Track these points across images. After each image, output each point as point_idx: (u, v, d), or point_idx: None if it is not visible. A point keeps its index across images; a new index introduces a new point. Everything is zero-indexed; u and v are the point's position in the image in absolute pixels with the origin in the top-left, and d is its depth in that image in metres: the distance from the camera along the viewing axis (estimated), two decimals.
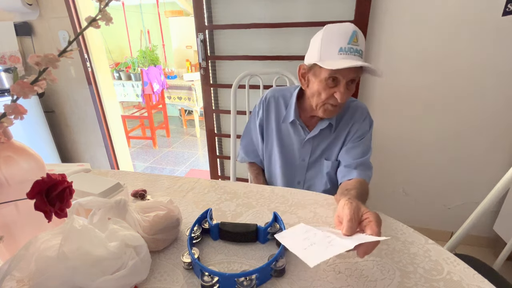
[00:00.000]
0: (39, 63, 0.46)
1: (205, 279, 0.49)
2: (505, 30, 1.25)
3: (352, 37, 0.73)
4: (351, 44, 0.73)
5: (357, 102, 0.93)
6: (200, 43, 1.64)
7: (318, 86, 0.80)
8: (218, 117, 1.89)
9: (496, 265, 0.80)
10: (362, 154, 0.86)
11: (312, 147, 0.93)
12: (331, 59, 0.75)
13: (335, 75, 0.76)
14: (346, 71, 0.75)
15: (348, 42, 0.73)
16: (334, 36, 0.76)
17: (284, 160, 0.97)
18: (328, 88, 0.79)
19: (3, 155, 0.50)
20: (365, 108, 0.92)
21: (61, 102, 2.16)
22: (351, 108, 0.91)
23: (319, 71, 0.79)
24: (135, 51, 4.36)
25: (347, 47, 0.73)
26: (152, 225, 0.57)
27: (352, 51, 0.74)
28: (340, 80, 0.77)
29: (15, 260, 0.44)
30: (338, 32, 0.75)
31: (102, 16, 0.49)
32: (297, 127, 0.93)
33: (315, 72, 0.81)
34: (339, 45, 0.74)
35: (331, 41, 0.75)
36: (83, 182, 0.68)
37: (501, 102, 1.37)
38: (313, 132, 0.91)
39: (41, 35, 1.96)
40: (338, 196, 0.73)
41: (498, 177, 0.75)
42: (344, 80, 0.76)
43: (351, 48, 0.73)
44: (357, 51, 0.74)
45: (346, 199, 0.56)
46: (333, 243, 0.48)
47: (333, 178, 0.95)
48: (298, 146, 0.95)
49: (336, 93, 0.78)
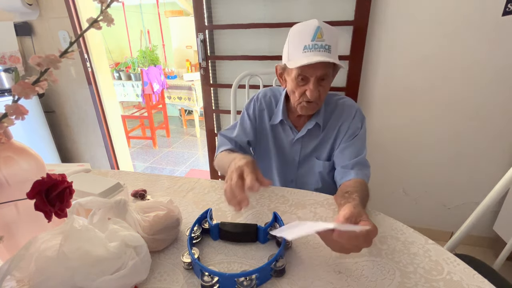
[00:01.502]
0: (41, 63, 0.46)
1: (205, 279, 0.49)
2: (505, 30, 1.25)
3: (316, 33, 0.74)
4: (316, 40, 0.74)
5: (346, 100, 0.92)
6: (200, 43, 1.64)
7: (291, 85, 0.83)
8: (218, 117, 1.89)
9: (496, 265, 0.80)
10: (357, 153, 0.85)
11: (301, 146, 0.94)
12: (297, 58, 0.76)
13: (303, 73, 0.78)
14: (313, 69, 0.76)
15: (311, 39, 0.74)
16: (298, 35, 0.77)
17: (278, 159, 0.98)
18: (300, 86, 0.81)
19: (3, 155, 0.50)
20: (353, 106, 0.91)
21: (61, 102, 2.16)
22: (339, 107, 0.91)
23: (290, 70, 0.81)
24: (135, 51, 4.36)
25: (310, 44, 0.74)
26: (152, 225, 0.57)
27: (316, 47, 0.74)
28: (309, 78, 0.78)
29: (15, 260, 0.44)
30: (302, 30, 0.77)
31: (103, 18, 0.49)
32: (285, 128, 0.94)
33: (288, 72, 0.83)
34: (303, 43, 0.75)
35: (296, 40, 0.77)
36: (83, 182, 0.68)
37: (501, 102, 1.37)
38: (301, 133, 0.91)
39: (41, 35, 1.96)
40: (339, 198, 0.72)
41: (498, 177, 0.75)
42: (312, 77, 0.77)
43: (315, 44, 0.74)
44: (323, 47, 0.74)
45: (350, 206, 0.56)
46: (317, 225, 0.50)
47: (325, 177, 0.95)
48: (288, 145, 0.95)
49: (306, 90, 0.80)
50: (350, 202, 0.62)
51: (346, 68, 1.48)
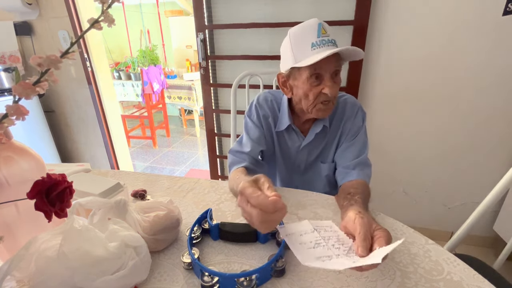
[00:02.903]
0: (41, 64, 0.46)
1: (205, 279, 0.49)
2: (505, 30, 1.25)
3: (320, 29, 0.72)
4: (321, 36, 0.72)
5: (347, 97, 0.89)
6: (200, 42, 1.64)
7: (303, 89, 0.77)
8: (218, 117, 1.89)
9: (496, 265, 0.80)
10: (358, 153, 0.83)
11: (308, 152, 0.90)
12: (307, 57, 0.72)
13: (317, 71, 0.73)
14: (327, 64, 0.72)
15: (317, 35, 0.72)
16: (301, 35, 0.74)
17: (282, 167, 0.95)
18: (314, 87, 0.75)
19: (3, 155, 0.50)
20: (355, 104, 0.88)
21: (61, 102, 2.16)
22: (341, 105, 0.87)
23: (299, 73, 0.76)
24: (135, 51, 4.35)
25: (318, 41, 0.71)
26: (152, 225, 0.57)
27: (324, 43, 0.72)
28: (323, 75, 0.74)
29: (15, 260, 0.44)
30: (304, 30, 0.74)
31: (104, 18, 0.49)
32: (291, 133, 0.89)
33: (295, 76, 0.78)
34: (310, 41, 0.72)
35: (301, 41, 0.74)
36: (83, 182, 0.68)
37: (501, 102, 1.37)
38: (308, 138, 0.87)
39: (41, 35, 1.96)
40: (341, 200, 0.70)
41: (498, 177, 0.75)
42: (328, 73, 0.74)
43: (322, 40, 0.72)
44: (330, 41, 0.72)
45: (356, 212, 0.55)
46: (338, 259, 0.48)
47: (331, 180, 0.92)
48: (294, 152, 0.91)
49: (324, 88, 0.74)
50: (352, 204, 0.62)
51: (346, 68, 1.48)
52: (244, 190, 0.48)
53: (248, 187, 0.49)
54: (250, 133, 0.88)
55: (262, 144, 0.87)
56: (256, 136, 0.87)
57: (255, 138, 0.87)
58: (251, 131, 0.88)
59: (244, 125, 0.91)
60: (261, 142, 0.87)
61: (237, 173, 0.78)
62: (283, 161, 0.94)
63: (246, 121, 0.91)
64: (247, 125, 0.90)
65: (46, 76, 0.47)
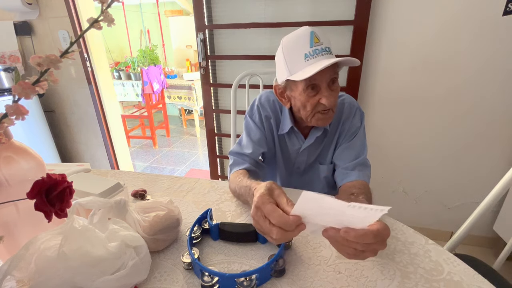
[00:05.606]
0: (41, 64, 0.46)
1: (205, 279, 0.49)
2: (505, 30, 1.25)
3: (312, 38, 0.70)
4: (314, 46, 0.70)
5: (345, 98, 0.88)
6: (200, 42, 1.64)
7: (300, 100, 0.76)
8: (218, 116, 1.89)
9: (496, 265, 0.80)
10: (358, 153, 0.83)
11: (307, 154, 0.90)
12: (300, 69, 0.71)
13: (313, 82, 0.72)
14: (322, 74, 0.70)
15: (310, 45, 0.70)
16: (294, 45, 0.72)
17: (282, 169, 0.95)
18: (311, 97, 0.74)
19: (3, 155, 0.50)
20: (352, 103, 0.87)
21: (61, 102, 2.16)
22: (339, 106, 0.86)
23: (295, 85, 0.75)
24: (135, 51, 4.35)
25: (311, 51, 0.70)
26: (152, 225, 0.57)
27: (318, 52, 0.70)
28: (320, 85, 0.72)
29: (15, 260, 0.44)
30: (296, 40, 0.72)
31: (104, 18, 0.49)
32: (292, 136, 0.88)
33: (291, 88, 0.77)
34: (302, 52, 0.70)
35: (293, 52, 0.72)
36: (83, 182, 0.68)
37: (501, 102, 1.37)
38: (308, 141, 0.86)
39: (40, 35, 1.96)
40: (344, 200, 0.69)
41: (498, 177, 0.75)
42: (324, 83, 0.72)
43: (315, 50, 0.70)
44: (324, 50, 0.70)
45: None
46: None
47: (330, 181, 0.92)
48: (294, 155, 0.91)
49: (321, 99, 0.73)
50: None
51: (346, 68, 1.48)
52: (263, 206, 0.46)
53: (266, 203, 0.47)
54: (251, 134, 0.87)
55: (263, 146, 0.87)
56: (257, 138, 0.86)
57: (256, 139, 0.86)
58: (252, 132, 0.87)
59: (245, 125, 0.90)
60: (262, 144, 0.87)
61: (238, 175, 0.77)
62: (283, 163, 0.94)
63: (247, 121, 0.90)
64: (248, 125, 0.89)
65: (45, 76, 0.47)
